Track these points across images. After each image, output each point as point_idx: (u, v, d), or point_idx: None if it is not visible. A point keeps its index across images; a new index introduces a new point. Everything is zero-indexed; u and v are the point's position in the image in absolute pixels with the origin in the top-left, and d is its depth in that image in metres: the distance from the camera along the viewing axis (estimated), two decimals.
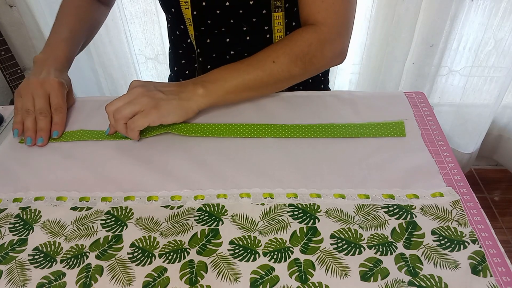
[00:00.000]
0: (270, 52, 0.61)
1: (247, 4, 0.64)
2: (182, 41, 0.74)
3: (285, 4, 0.65)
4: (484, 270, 0.42)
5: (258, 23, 0.67)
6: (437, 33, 1.24)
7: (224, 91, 0.60)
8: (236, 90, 0.60)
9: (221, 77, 0.60)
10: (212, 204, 0.50)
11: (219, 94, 0.60)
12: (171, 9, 0.69)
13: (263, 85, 0.61)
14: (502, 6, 1.19)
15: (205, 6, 0.65)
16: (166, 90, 0.59)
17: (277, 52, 0.61)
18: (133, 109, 0.56)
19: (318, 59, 0.62)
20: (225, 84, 0.60)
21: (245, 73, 0.60)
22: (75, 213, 0.50)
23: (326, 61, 0.64)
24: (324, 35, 0.61)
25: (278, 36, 0.68)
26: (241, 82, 0.60)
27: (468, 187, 0.51)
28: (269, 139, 0.59)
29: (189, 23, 0.69)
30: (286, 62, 0.60)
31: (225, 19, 0.67)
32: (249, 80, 0.60)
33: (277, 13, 0.64)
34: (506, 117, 1.45)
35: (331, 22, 0.61)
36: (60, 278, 0.43)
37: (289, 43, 0.61)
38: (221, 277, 0.43)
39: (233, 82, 0.60)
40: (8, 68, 1.31)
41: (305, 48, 0.61)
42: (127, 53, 1.37)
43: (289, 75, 0.62)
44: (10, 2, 1.28)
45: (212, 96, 0.60)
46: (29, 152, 0.59)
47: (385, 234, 0.46)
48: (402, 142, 0.57)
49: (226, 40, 0.69)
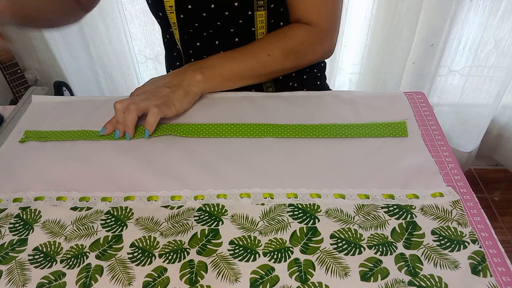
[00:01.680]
0: (265, 45, 0.66)
1: (232, 5, 0.64)
2: (174, 44, 0.75)
3: (270, 5, 0.65)
4: (484, 270, 0.42)
5: (244, 24, 0.67)
6: (437, 33, 1.24)
7: (221, 78, 0.65)
8: (232, 78, 0.65)
9: (219, 64, 0.65)
10: (212, 204, 0.50)
11: (217, 81, 0.65)
12: (158, 13, 0.69)
13: (257, 74, 0.67)
14: (502, 5, 1.19)
15: (191, 9, 0.65)
16: (168, 84, 0.63)
17: (272, 46, 0.66)
18: (147, 103, 0.59)
19: (309, 56, 0.69)
20: (222, 71, 0.64)
21: (242, 63, 0.65)
22: (75, 213, 0.50)
23: (316, 57, 0.70)
24: (316, 35, 0.67)
25: (261, 33, 0.69)
26: (237, 71, 0.65)
27: (468, 187, 0.51)
28: (269, 139, 0.59)
29: (175, 27, 0.69)
30: (280, 56, 0.66)
31: (212, 22, 0.67)
32: (245, 70, 0.65)
33: (259, 12, 0.66)
34: (506, 117, 1.45)
35: (322, 24, 0.66)
36: (60, 278, 0.43)
37: (284, 39, 0.66)
38: (221, 277, 0.43)
39: (229, 71, 0.65)
40: (8, 68, 1.31)
41: (298, 45, 0.66)
42: (127, 53, 1.37)
43: (281, 68, 0.67)
44: None
45: (210, 82, 0.64)
46: (29, 152, 0.59)
47: (385, 234, 0.46)
48: (402, 142, 0.57)
49: (216, 43, 0.70)
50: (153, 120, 0.59)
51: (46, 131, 0.62)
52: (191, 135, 0.59)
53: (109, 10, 1.26)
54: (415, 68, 1.33)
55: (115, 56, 1.37)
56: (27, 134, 0.62)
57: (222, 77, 0.64)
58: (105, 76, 1.43)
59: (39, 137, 0.61)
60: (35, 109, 0.68)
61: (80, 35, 1.32)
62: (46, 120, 0.65)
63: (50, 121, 0.64)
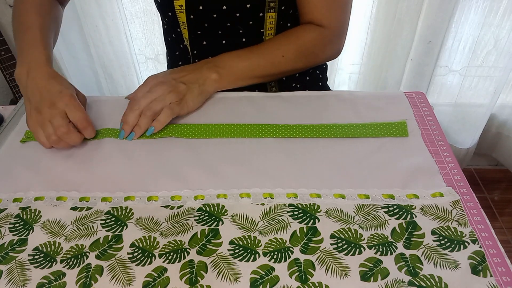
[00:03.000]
0: (278, 46, 0.67)
1: (244, 7, 0.64)
2: (178, 43, 0.75)
3: (281, 7, 0.65)
4: (484, 270, 0.42)
5: (254, 26, 0.67)
6: (437, 32, 1.24)
7: (234, 77, 0.65)
8: (245, 77, 0.66)
9: (233, 63, 0.65)
10: (212, 204, 0.50)
11: (230, 80, 0.65)
12: (167, 13, 0.69)
13: (269, 74, 0.68)
14: (502, 5, 1.19)
15: (202, 10, 0.65)
16: (185, 79, 0.62)
17: (285, 47, 0.66)
18: (163, 104, 0.59)
19: (319, 57, 0.70)
20: (235, 70, 0.65)
21: (255, 63, 0.66)
22: (75, 213, 0.50)
23: (325, 57, 0.72)
24: (328, 37, 0.68)
25: (269, 34, 0.69)
26: (250, 71, 0.66)
27: (468, 187, 0.51)
28: (269, 139, 0.59)
29: (184, 27, 0.69)
30: (293, 57, 0.67)
31: (222, 23, 0.67)
32: (258, 70, 0.66)
33: (270, 14, 0.66)
34: (505, 115, 1.45)
35: (334, 26, 0.68)
36: (60, 278, 0.43)
37: (297, 41, 0.67)
38: (221, 277, 0.43)
39: (244, 70, 0.65)
40: (8, 68, 1.31)
41: (310, 47, 0.68)
42: (127, 53, 1.37)
43: (292, 68, 0.69)
44: (10, 2, 1.28)
45: (224, 81, 0.65)
46: (29, 152, 0.59)
47: (385, 234, 0.46)
48: (402, 142, 0.57)
49: (222, 42, 0.70)
50: (164, 121, 0.59)
51: None
52: (192, 137, 0.59)
53: (109, 10, 1.25)
54: (413, 66, 1.33)
55: (115, 56, 1.37)
56: (28, 134, 0.62)
57: (235, 76, 0.65)
58: (105, 76, 1.43)
59: None
60: None
61: (80, 35, 1.32)
62: None
63: None
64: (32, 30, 0.63)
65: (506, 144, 1.49)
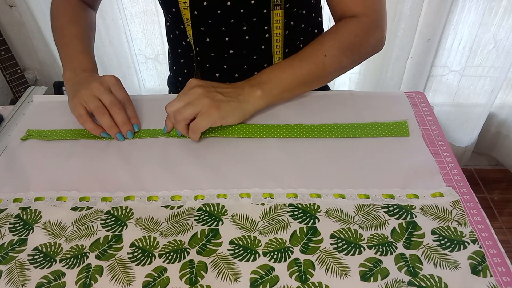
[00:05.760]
0: (318, 47, 0.63)
1: (248, 3, 0.64)
2: (181, 40, 0.75)
3: (286, 4, 0.65)
4: (484, 270, 0.42)
5: (258, 22, 0.67)
6: (436, 31, 1.24)
7: (280, 89, 0.61)
8: (291, 87, 0.62)
9: (276, 76, 0.61)
10: (212, 204, 0.50)
11: (276, 93, 0.61)
12: (171, 9, 0.69)
13: (315, 79, 0.63)
14: (501, 5, 1.19)
15: (206, 6, 0.65)
16: (225, 91, 0.59)
17: (326, 45, 0.63)
18: (194, 110, 0.56)
19: (364, 48, 0.66)
20: (280, 82, 0.61)
21: (299, 69, 0.62)
22: (75, 213, 0.50)
23: (371, 48, 0.67)
24: (367, 25, 0.64)
25: (277, 34, 0.68)
26: (296, 79, 0.62)
27: (468, 187, 0.51)
28: (269, 139, 0.59)
29: (188, 23, 0.69)
30: (336, 54, 0.63)
31: (226, 19, 0.67)
32: (303, 76, 0.62)
33: (276, 11, 0.65)
34: (504, 114, 1.45)
35: (371, 13, 0.64)
36: (60, 278, 0.43)
37: (336, 36, 0.63)
38: (221, 277, 0.43)
39: (288, 80, 0.62)
40: (8, 68, 1.31)
41: (353, 38, 0.63)
42: (127, 53, 1.37)
43: (339, 66, 0.64)
44: (10, 2, 1.28)
45: (269, 96, 0.61)
46: (29, 152, 0.59)
47: (385, 234, 0.46)
48: (402, 142, 0.57)
49: (226, 39, 0.70)
50: (199, 130, 0.57)
51: (48, 130, 0.62)
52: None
53: (109, 10, 1.26)
54: (412, 65, 1.33)
55: (115, 56, 1.37)
56: (29, 132, 0.62)
57: (280, 88, 0.61)
58: None
59: (41, 136, 0.61)
60: (36, 108, 0.68)
61: None
62: (47, 120, 0.65)
63: (51, 120, 0.64)
64: (74, 40, 0.69)
65: (505, 144, 1.49)
